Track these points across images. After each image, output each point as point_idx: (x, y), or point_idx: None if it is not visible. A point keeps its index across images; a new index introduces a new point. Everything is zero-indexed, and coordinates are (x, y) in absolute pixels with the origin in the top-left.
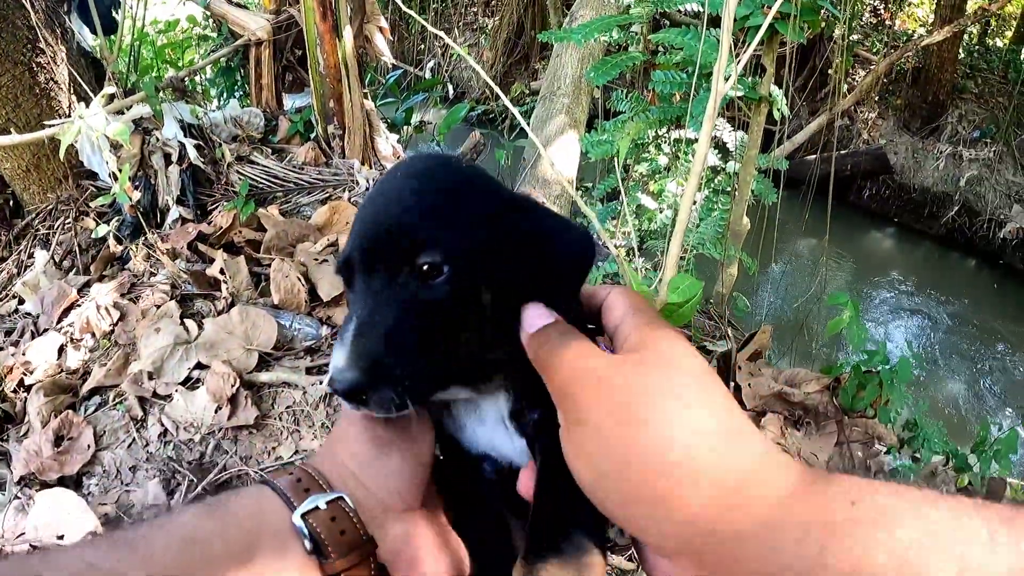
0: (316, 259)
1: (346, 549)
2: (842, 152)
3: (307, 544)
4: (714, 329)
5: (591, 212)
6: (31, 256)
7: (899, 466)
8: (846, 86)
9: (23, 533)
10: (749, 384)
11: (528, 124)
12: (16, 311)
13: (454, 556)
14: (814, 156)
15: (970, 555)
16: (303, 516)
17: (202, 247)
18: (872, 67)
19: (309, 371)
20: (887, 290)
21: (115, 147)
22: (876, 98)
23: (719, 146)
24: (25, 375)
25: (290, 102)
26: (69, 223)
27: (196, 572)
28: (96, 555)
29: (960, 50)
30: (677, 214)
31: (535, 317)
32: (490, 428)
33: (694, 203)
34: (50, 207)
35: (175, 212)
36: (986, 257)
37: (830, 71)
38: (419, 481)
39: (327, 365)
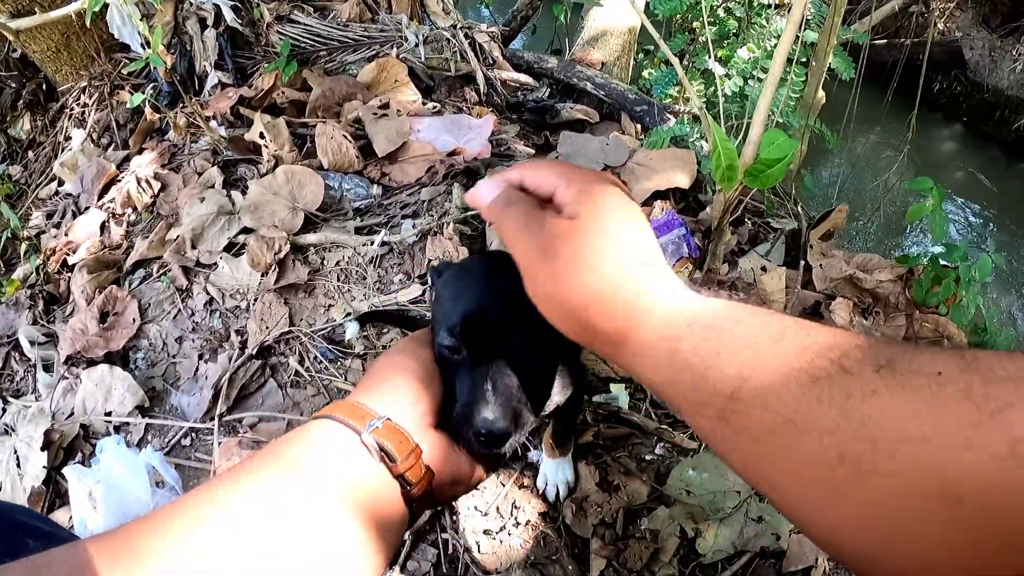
0: (375, 114)
1: (406, 453)
2: (915, 40)
3: (376, 455)
4: (779, 206)
5: (669, 51)
6: (68, 138)
7: None
8: None
9: (72, 413)
10: (820, 265)
11: None
12: (56, 193)
13: (465, 455)
14: (883, 41)
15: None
16: (369, 433)
17: (244, 111)
18: None
19: (359, 231)
20: (946, 190)
21: (147, 17)
22: None
23: None
24: (68, 255)
25: None
26: (104, 99)
27: (304, 483)
28: (215, 489)
29: None
30: (749, 80)
31: (486, 190)
32: None
33: (765, 72)
34: (84, 85)
35: (214, 77)
36: None
37: None
38: (435, 406)
39: (378, 226)
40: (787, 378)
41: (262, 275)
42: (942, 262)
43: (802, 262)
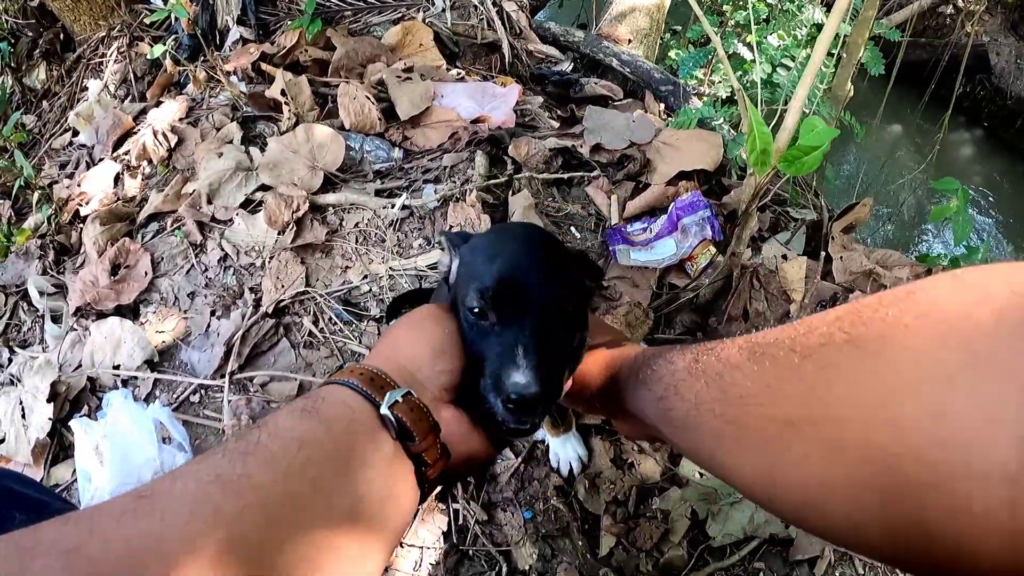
0: (399, 77)
1: (424, 432)
2: (942, 41)
3: (393, 432)
4: (800, 195)
5: (709, 26)
6: (84, 88)
7: None
8: None
9: (79, 365)
10: (841, 257)
11: None
12: (71, 144)
13: (481, 435)
14: (907, 39)
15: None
16: (389, 408)
17: (265, 67)
18: None
19: (379, 193)
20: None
21: None
22: None
23: (828, 5)
24: (81, 206)
25: None
26: (123, 50)
27: (315, 466)
28: (220, 465)
29: None
30: (777, 67)
31: None
32: None
33: (793, 59)
34: (102, 35)
35: (235, 33)
36: None
37: None
38: (456, 381)
39: (399, 189)
40: (685, 375)
41: (279, 233)
42: (963, 264)
43: (823, 253)
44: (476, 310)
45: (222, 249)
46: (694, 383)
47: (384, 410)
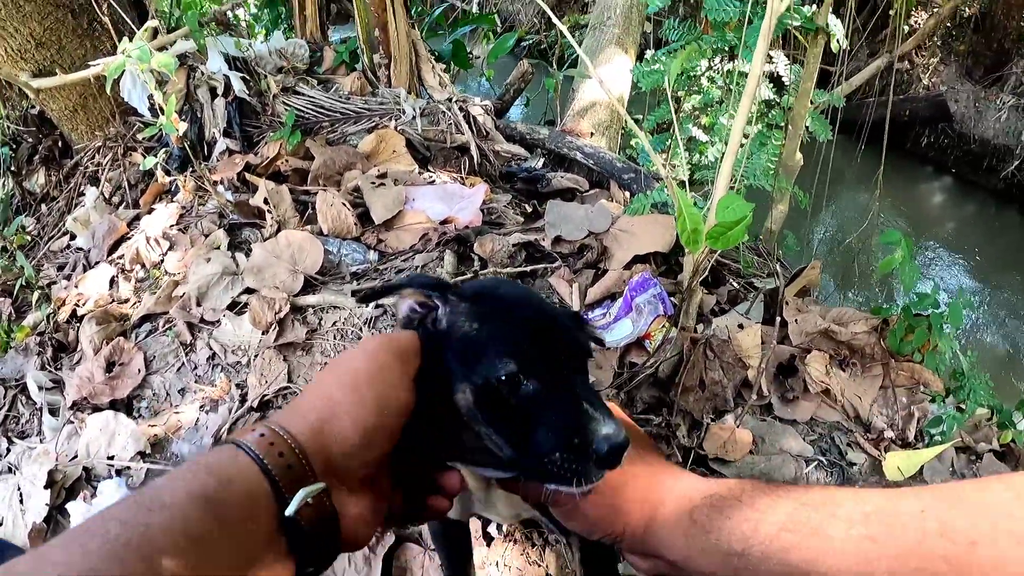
0: (373, 183)
1: (324, 541)
2: (900, 97)
3: (287, 541)
4: (762, 266)
5: (642, 134)
6: (81, 194)
7: (944, 415)
8: (907, 28)
9: (76, 455)
10: (796, 320)
11: (579, 50)
12: (68, 247)
13: (374, 526)
14: (871, 100)
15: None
16: (296, 511)
17: (249, 177)
18: (935, 10)
19: (355, 294)
20: (938, 241)
21: (161, 83)
22: (938, 43)
23: (774, 79)
24: (78, 306)
25: (335, 33)
26: (118, 159)
27: (206, 568)
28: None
29: None
30: (728, 140)
31: None
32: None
33: (746, 136)
34: (98, 145)
35: (222, 144)
36: None
37: (890, 12)
38: (386, 453)
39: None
40: (782, 531)
41: (263, 333)
42: (915, 311)
43: (778, 318)
44: (507, 378)
45: (210, 348)
46: (804, 550)
47: (290, 511)
